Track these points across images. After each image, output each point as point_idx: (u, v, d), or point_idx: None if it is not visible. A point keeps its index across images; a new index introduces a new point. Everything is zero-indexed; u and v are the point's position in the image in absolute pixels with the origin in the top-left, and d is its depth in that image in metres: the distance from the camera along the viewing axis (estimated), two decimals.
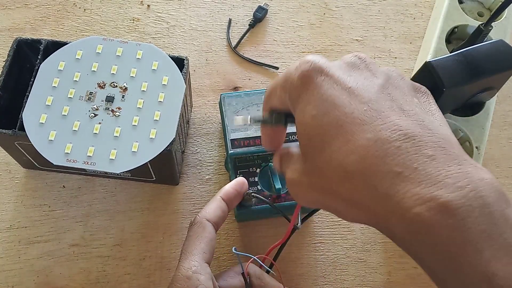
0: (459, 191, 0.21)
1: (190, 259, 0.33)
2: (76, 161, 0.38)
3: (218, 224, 0.37)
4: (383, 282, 0.44)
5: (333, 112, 0.25)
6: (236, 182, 0.40)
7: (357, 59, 0.28)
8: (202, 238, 0.35)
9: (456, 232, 0.21)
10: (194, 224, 0.36)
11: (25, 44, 0.42)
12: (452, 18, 0.50)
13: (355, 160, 0.24)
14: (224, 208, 0.38)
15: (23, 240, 0.44)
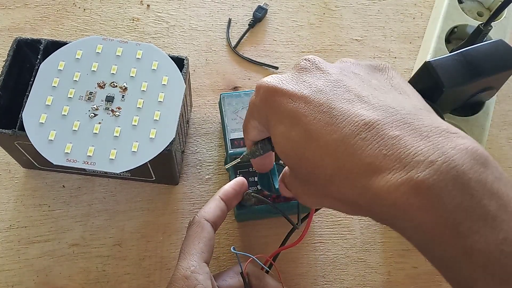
0: (431, 167, 0.21)
1: (189, 259, 0.33)
2: (76, 161, 0.38)
3: (217, 223, 0.37)
4: (382, 282, 0.44)
5: (298, 124, 0.26)
6: (236, 182, 0.40)
7: (306, 63, 0.29)
8: (200, 238, 0.35)
9: (431, 211, 0.21)
10: (192, 224, 0.36)
11: (25, 44, 0.42)
12: (451, 18, 0.50)
13: (330, 163, 0.24)
14: (223, 208, 0.38)
15: (23, 240, 0.44)
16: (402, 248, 0.46)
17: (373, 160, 0.22)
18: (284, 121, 0.27)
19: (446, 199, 0.20)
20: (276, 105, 0.27)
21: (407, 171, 0.21)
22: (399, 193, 0.21)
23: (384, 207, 0.22)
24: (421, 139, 0.22)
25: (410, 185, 0.21)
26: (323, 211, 0.47)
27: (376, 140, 0.23)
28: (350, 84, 0.26)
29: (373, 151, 0.23)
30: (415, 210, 0.21)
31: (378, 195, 0.22)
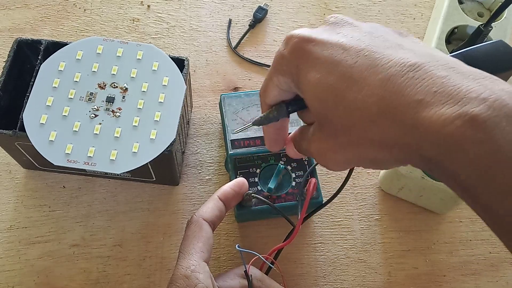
0: (484, 103, 0.21)
1: (189, 258, 0.33)
2: (76, 162, 0.38)
3: (215, 223, 0.37)
4: (382, 282, 0.44)
5: (336, 69, 0.25)
6: (235, 182, 0.40)
7: (337, 19, 0.28)
8: (199, 237, 0.35)
9: (487, 144, 0.21)
10: (191, 224, 0.36)
11: (25, 45, 0.42)
12: (452, 19, 0.51)
13: (375, 102, 0.24)
14: (221, 208, 0.38)
15: (23, 241, 0.44)
16: (402, 248, 0.46)
17: (423, 97, 0.22)
18: (319, 68, 0.26)
19: (502, 132, 0.21)
20: (309, 54, 0.27)
21: (462, 106, 0.21)
22: (453, 126, 0.21)
23: (436, 142, 0.22)
24: (469, 80, 0.22)
25: (465, 119, 0.21)
26: (324, 211, 0.47)
27: (426, 79, 0.23)
28: (386, 36, 0.26)
29: (423, 89, 0.22)
30: (471, 143, 0.21)
31: (430, 129, 0.22)
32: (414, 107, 0.22)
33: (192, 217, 0.36)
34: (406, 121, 0.23)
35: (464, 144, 0.21)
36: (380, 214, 0.47)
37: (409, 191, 0.46)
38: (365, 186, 0.48)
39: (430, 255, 0.46)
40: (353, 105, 0.25)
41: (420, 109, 0.22)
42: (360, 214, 0.47)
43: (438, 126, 0.21)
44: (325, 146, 0.27)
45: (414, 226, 0.47)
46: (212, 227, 0.36)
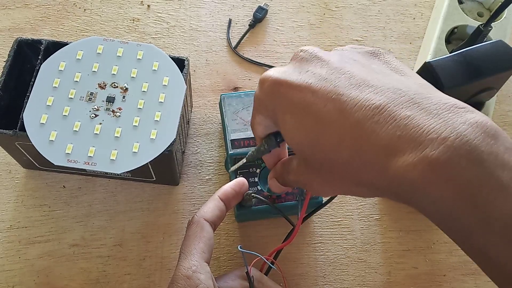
0: (444, 144, 0.21)
1: (190, 259, 0.33)
2: (76, 162, 0.38)
3: (216, 223, 0.37)
4: (382, 282, 0.44)
5: (309, 113, 0.26)
6: (236, 182, 0.40)
7: (305, 53, 0.29)
8: (200, 237, 0.35)
9: (448, 185, 0.21)
10: (192, 224, 0.36)
11: (25, 45, 0.42)
12: (452, 19, 0.51)
13: (347, 147, 0.25)
14: (222, 208, 0.38)
15: (23, 240, 0.44)
16: (402, 248, 0.46)
17: (388, 142, 0.23)
18: (293, 112, 0.27)
19: (461, 173, 0.21)
20: (282, 97, 0.27)
21: (422, 150, 0.22)
22: (416, 171, 0.22)
23: (402, 185, 0.23)
24: (432, 117, 0.23)
25: (425, 163, 0.21)
26: (323, 211, 0.47)
27: (389, 123, 0.23)
28: (353, 70, 0.26)
29: (388, 133, 0.23)
30: (432, 186, 0.22)
31: (396, 175, 0.23)
32: (382, 152, 0.23)
33: (193, 217, 0.36)
34: (376, 165, 0.24)
35: (427, 188, 0.22)
36: (380, 213, 0.47)
37: None
38: None
39: (430, 255, 0.46)
40: (328, 149, 0.26)
41: (387, 155, 0.23)
42: (360, 214, 0.47)
43: (403, 171, 0.22)
44: (311, 178, 0.29)
45: (414, 226, 0.47)
46: (213, 227, 0.36)
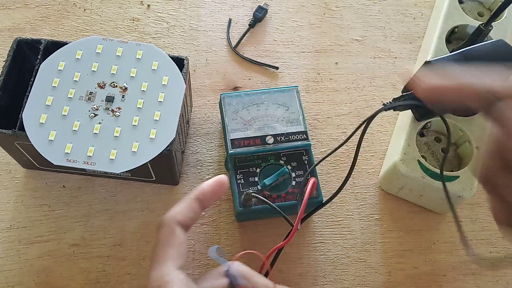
0: None
1: (160, 269, 0.31)
2: (76, 161, 0.38)
3: (188, 225, 0.34)
4: (383, 282, 0.44)
5: None
6: (216, 180, 0.36)
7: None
8: (171, 243, 0.32)
9: None
10: (161, 228, 0.33)
11: (25, 44, 0.42)
12: (452, 18, 0.50)
13: None
14: (196, 210, 0.35)
15: (23, 240, 0.44)
16: (403, 248, 0.46)
17: None
18: None
19: None
20: None
21: None
22: None
23: None
24: None
25: None
26: (324, 211, 0.47)
27: None
28: None
29: None
30: None
31: None
32: None
33: (162, 219, 0.33)
34: None
35: None
36: (380, 213, 0.47)
37: (409, 190, 0.46)
38: (365, 186, 0.48)
39: (430, 255, 0.46)
40: None
41: None
42: (360, 214, 0.47)
43: None
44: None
45: (414, 226, 0.47)
46: (185, 230, 0.34)
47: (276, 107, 0.46)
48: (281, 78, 0.53)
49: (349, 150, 0.50)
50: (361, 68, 0.55)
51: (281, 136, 0.45)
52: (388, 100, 0.43)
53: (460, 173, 0.43)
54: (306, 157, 0.44)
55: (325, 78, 0.54)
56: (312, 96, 0.53)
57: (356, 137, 0.38)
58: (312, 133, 0.50)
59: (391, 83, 0.54)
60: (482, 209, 0.48)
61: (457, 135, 0.45)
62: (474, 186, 0.42)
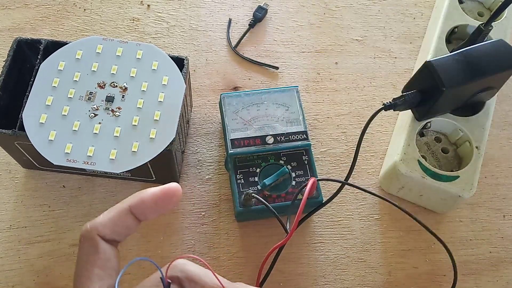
0: None
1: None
2: (76, 161, 0.38)
3: (116, 240, 0.28)
4: (383, 282, 0.44)
5: None
6: (161, 190, 0.28)
7: None
8: (94, 261, 0.26)
9: None
10: (82, 241, 0.27)
11: (25, 44, 0.42)
12: (452, 18, 0.50)
13: None
14: (127, 223, 0.27)
15: (23, 240, 0.44)
16: (403, 248, 0.46)
17: None
18: None
19: None
20: None
21: None
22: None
23: None
24: None
25: None
26: (324, 210, 0.47)
27: None
28: None
29: None
30: None
31: None
32: None
33: (84, 229, 0.27)
34: None
35: None
36: (380, 213, 0.47)
37: (409, 190, 0.46)
38: (365, 186, 0.48)
39: (430, 255, 0.46)
40: None
41: None
42: (360, 214, 0.47)
43: None
44: None
45: (414, 226, 0.47)
46: (114, 244, 0.28)
47: (276, 107, 0.46)
48: (281, 78, 0.53)
49: (349, 150, 0.50)
50: (361, 68, 0.55)
51: (281, 136, 0.45)
52: (388, 100, 0.43)
53: (460, 173, 0.43)
54: (306, 157, 0.44)
55: (325, 78, 0.54)
56: (312, 96, 0.53)
57: (356, 137, 0.39)
58: (312, 133, 0.51)
59: (391, 83, 0.54)
60: (482, 209, 0.48)
61: (457, 135, 0.45)
62: (474, 186, 0.42)
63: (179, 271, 0.27)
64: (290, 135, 0.45)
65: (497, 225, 0.48)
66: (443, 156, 0.46)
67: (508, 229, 0.47)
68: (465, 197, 0.42)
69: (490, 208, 0.48)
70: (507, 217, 0.48)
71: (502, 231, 0.47)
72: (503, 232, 0.47)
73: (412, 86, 0.43)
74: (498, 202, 0.49)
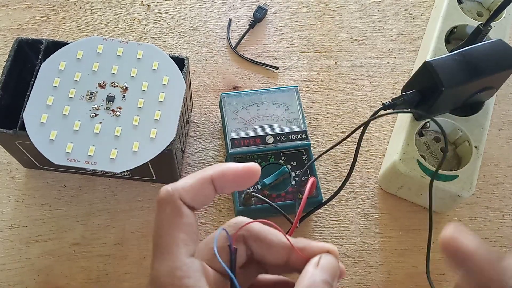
0: None
1: (170, 259, 0.24)
2: (77, 161, 0.38)
3: (194, 207, 0.26)
4: (382, 281, 0.45)
5: None
6: (244, 168, 0.27)
7: None
8: (179, 225, 0.25)
9: None
10: (164, 205, 0.25)
11: (26, 44, 0.43)
12: (451, 18, 0.51)
13: None
14: (208, 193, 0.26)
15: (24, 239, 0.44)
16: (402, 247, 0.46)
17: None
18: None
19: None
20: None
21: None
22: None
23: None
24: None
25: None
26: (323, 210, 0.47)
27: None
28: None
29: None
30: None
31: None
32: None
33: (164, 195, 0.25)
34: None
35: None
36: (380, 213, 0.47)
37: (408, 190, 0.46)
38: (365, 185, 0.49)
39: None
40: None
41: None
42: (360, 213, 0.47)
43: None
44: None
45: (413, 225, 0.47)
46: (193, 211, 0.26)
47: (276, 106, 0.47)
48: (281, 78, 0.54)
49: (349, 149, 0.50)
50: (361, 68, 0.55)
51: (281, 136, 0.45)
52: (387, 99, 0.43)
53: (459, 172, 0.43)
54: (305, 157, 0.45)
55: (324, 78, 0.54)
56: (312, 96, 0.53)
57: (355, 137, 0.39)
58: (312, 132, 0.51)
59: (391, 83, 0.54)
60: (481, 208, 0.48)
61: (456, 134, 0.45)
62: (473, 186, 0.42)
63: (244, 230, 0.27)
64: (290, 134, 0.45)
65: (496, 225, 0.48)
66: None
67: (507, 229, 0.48)
68: (464, 196, 0.42)
69: (489, 207, 0.48)
70: (506, 217, 0.48)
71: (501, 231, 0.47)
72: (502, 232, 0.47)
73: (411, 86, 0.43)
74: (497, 201, 0.49)
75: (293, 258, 0.27)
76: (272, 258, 0.27)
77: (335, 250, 0.27)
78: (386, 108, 0.41)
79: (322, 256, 0.26)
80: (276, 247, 0.27)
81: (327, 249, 0.26)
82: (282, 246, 0.27)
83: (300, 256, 0.26)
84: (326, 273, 0.25)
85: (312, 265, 0.25)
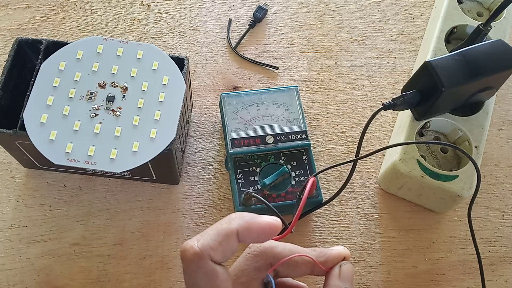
0: None
1: None
2: (76, 161, 0.38)
3: (224, 261, 0.27)
4: (382, 281, 0.45)
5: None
6: (268, 223, 0.27)
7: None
8: (218, 286, 0.25)
9: None
10: (194, 267, 0.25)
11: (26, 44, 0.43)
12: (451, 18, 0.51)
13: None
14: (234, 246, 0.26)
15: (24, 239, 0.44)
16: (402, 247, 0.46)
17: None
18: None
19: None
20: None
21: None
22: None
23: None
24: None
25: None
26: (323, 210, 0.47)
27: None
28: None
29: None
30: None
31: None
32: None
33: (192, 253, 0.25)
34: None
35: None
36: (380, 213, 0.47)
37: (408, 190, 0.46)
38: (365, 185, 0.49)
39: (429, 254, 0.46)
40: None
41: None
42: (360, 213, 0.47)
43: None
44: None
45: (413, 225, 0.47)
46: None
47: (276, 106, 0.47)
48: (281, 78, 0.54)
49: (349, 149, 0.50)
50: (361, 68, 0.55)
51: (281, 136, 0.45)
52: (387, 99, 0.43)
53: (459, 172, 0.43)
54: (305, 157, 0.45)
55: (324, 78, 0.54)
56: (312, 96, 0.53)
57: (355, 137, 0.39)
58: (312, 132, 0.51)
59: (391, 83, 0.54)
60: (481, 208, 0.48)
61: (456, 134, 0.45)
62: (473, 186, 0.42)
63: (272, 258, 0.29)
64: (290, 134, 0.45)
65: (496, 224, 0.48)
66: (442, 155, 0.46)
67: (507, 229, 0.48)
68: (464, 196, 0.42)
69: (489, 207, 0.48)
70: (506, 217, 0.48)
71: (501, 231, 0.47)
72: (502, 232, 0.47)
73: (411, 86, 0.43)
74: (497, 201, 0.49)
75: (316, 270, 0.30)
76: (297, 274, 0.30)
77: (348, 255, 0.30)
78: (386, 108, 0.41)
79: (341, 266, 0.30)
80: (301, 266, 0.30)
81: (344, 256, 0.30)
82: (306, 264, 0.30)
83: (323, 270, 0.30)
84: (348, 281, 0.29)
85: (335, 277, 0.29)
